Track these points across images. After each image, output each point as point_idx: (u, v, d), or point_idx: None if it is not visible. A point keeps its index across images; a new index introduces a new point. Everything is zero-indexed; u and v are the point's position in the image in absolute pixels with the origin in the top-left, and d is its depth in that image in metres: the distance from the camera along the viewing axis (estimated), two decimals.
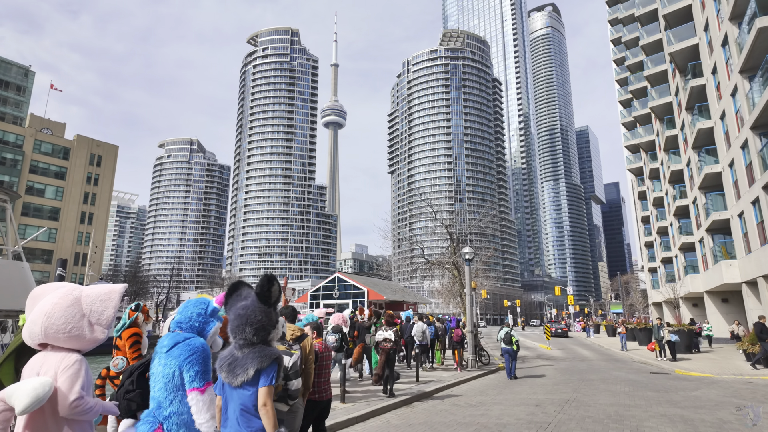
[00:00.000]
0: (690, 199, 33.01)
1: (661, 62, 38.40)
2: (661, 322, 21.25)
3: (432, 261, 21.41)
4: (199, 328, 3.55)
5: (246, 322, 3.10)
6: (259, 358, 3.02)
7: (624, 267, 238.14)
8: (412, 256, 27.53)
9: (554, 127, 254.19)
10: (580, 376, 16.01)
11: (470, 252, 17.66)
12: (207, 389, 3.16)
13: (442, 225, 20.74)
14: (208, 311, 3.66)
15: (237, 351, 3.11)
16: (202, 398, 3.08)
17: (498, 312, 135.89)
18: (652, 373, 16.99)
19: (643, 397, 11.32)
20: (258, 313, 3.13)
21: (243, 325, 3.10)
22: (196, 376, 3.14)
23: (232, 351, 3.15)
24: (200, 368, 3.18)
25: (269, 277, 3.31)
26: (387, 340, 10.84)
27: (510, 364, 15.45)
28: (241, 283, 3.47)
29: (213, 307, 3.73)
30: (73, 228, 70.35)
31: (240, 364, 3.01)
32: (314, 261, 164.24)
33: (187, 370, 3.15)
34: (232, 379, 3.03)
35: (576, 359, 23.19)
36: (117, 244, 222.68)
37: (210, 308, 3.68)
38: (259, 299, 3.21)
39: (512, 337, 15.43)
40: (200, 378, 3.15)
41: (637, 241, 57.30)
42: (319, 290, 58.58)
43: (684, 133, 33.10)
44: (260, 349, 3.08)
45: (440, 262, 20.81)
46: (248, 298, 3.29)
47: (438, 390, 12.35)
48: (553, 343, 35.44)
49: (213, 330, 3.67)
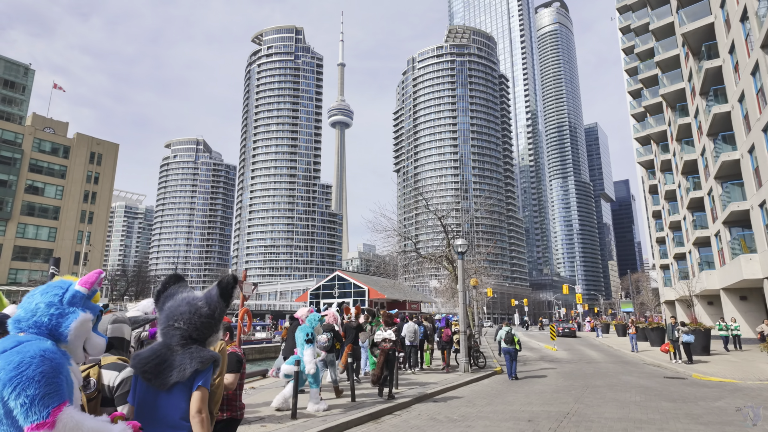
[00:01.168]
0: (705, 191, 31.01)
1: (672, 47, 36.38)
2: (675, 321, 19.43)
3: (424, 255, 19.77)
4: (48, 325, 2.14)
5: (195, 312, 2.59)
6: (199, 357, 2.50)
7: (634, 266, 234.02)
8: (404, 251, 25.84)
9: (563, 124, 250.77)
10: (585, 382, 14.29)
11: (463, 244, 16.03)
12: (60, 418, 1.83)
13: (435, 216, 19.09)
14: (66, 298, 2.21)
15: (165, 349, 2.56)
16: None
17: (505, 311, 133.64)
18: (666, 378, 15.22)
19: (657, 410, 9.63)
20: (214, 306, 2.64)
21: (190, 315, 2.58)
22: (34, 404, 1.82)
23: (157, 349, 2.58)
24: (39, 390, 1.84)
25: (235, 276, 2.85)
26: (387, 340, 10.58)
27: (510, 365, 14.86)
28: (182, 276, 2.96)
29: (74, 292, 2.24)
30: (73, 227, 69.68)
31: (174, 364, 2.47)
32: (320, 260, 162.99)
33: (15, 396, 1.80)
34: (158, 381, 2.46)
35: (582, 361, 21.43)
36: (125, 245, 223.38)
37: (69, 293, 2.23)
38: (221, 295, 2.69)
39: (513, 336, 14.87)
40: (41, 405, 1.82)
41: (648, 239, 55.16)
42: (319, 289, 56.98)
43: (698, 121, 31.11)
44: (197, 349, 2.56)
45: (433, 256, 19.19)
46: (192, 291, 2.81)
47: (416, 400, 10.73)
48: (559, 344, 33.61)
49: (75, 325, 2.15)
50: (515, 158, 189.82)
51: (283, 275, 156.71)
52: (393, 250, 19.69)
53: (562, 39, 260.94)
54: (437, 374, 15.96)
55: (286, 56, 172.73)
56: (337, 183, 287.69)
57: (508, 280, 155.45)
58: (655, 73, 41.53)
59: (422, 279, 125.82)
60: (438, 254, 19.32)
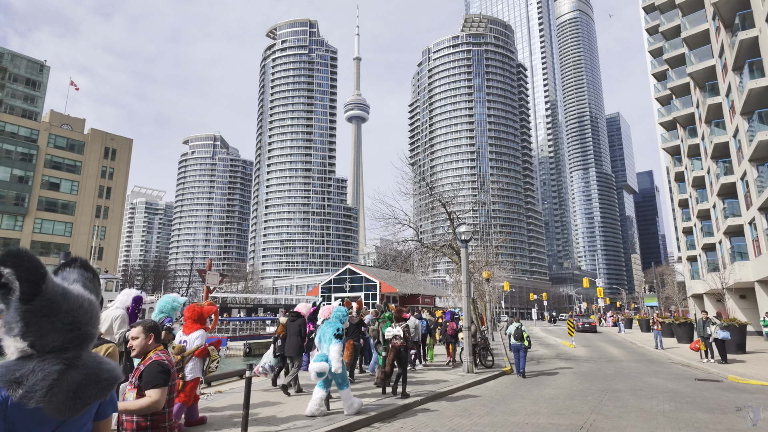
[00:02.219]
0: (738, 175, 28.64)
1: (701, 21, 33.84)
2: (706, 316, 17.51)
3: (427, 245, 18.25)
4: None
5: (95, 314, 1.89)
6: (114, 372, 1.87)
7: (658, 259, 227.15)
8: (405, 240, 23.34)
9: (583, 115, 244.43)
10: (604, 385, 12.63)
11: (467, 231, 14.47)
12: None
13: (438, 201, 17.53)
14: None
15: (56, 363, 1.70)
16: None
17: (524, 305, 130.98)
18: (698, 381, 13.44)
19: (691, 423, 7.98)
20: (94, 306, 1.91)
21: (90, 319, 1.84)
22: None
23: (44, 365, 1.69)
24: None
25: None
26: (397, 337, 10.23)
27: (518, 362, 14.18)
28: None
29: None
30: (88, 222, 70.13)
31: (98, 381, 1.78)
32: (335, 254, 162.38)
33: None
34: (70, 410, 1.68)
35: (602, 359, 19.66)
36: (146, 240, 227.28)
37: None
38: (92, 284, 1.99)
39: (523, 332, 14.14)
40: None
41: (673, 232, 52.40)
42: (330, 283, 56.07)
43: (730, 99, 28.70)
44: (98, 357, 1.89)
45: (435, 245, 17.66)
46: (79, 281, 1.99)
47: (404, 408, 9.26)
48: (578, 340, 31.70)
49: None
50: (534, 149, 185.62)
51: (299, 269, 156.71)
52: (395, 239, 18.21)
53: (582, 27, 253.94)
54: (439, 371, 14.53)
55: (300, 50, 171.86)
56: (354, 178, 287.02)
57: (527, 273, 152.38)
58: (682, 52, 38.97)
59: (439, 273, 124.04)
60: (441, 243, 17.82)
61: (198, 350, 6.87)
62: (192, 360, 6.81)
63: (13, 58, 74.80)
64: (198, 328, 7.08)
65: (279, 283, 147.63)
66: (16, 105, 74.73)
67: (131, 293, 6.80)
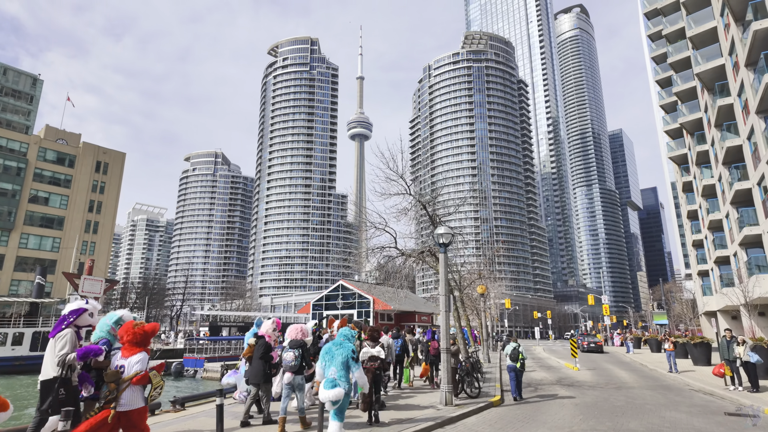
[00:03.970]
0: (754, 180, 26.29)
1: (708, 19, 31.99)
2: (731, 336, 15.02)
3: (405, 252, 15.92)
4: None
5: None
6: None
7: (665, 277, 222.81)
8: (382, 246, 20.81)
9: (586, 131, 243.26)
10: (614, 423, 10.14)
11: (446, 234, 12.19)
12: None
13: (416, 200, 15.32)
14: None
15: None
16: None
17: (528, 323, 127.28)
18: (729, 416, 10.93)
19: None
20: None
21: None
22: None
23: None
24: None
25: None
26: (374, 359, 9.50)
27: (513, 384, 13.41)
28: None
29: None
30: (77, 237, 68.23)
31: None
32: (335, 272, 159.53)
33: None
34: None
35: (610, 386, 17.08)
36: (146, 257, 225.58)
37: None
38: None
39: (519, 354, 13.43)
40: None
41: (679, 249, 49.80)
42: (322, 300, 53.52)
43: (743, 99, 26.56)
44: None
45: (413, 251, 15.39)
46: None
47: None
48: (583, 361, 28.96)
49: None
50: (536, 165, 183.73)
51: (298, 287, 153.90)
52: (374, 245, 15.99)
53: (583, 45, 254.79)
54: (415, 397, 12.13)
55: (301, 67, 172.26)
56: (358, 195, 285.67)
57: (530, 291, 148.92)
58: (687, 55, 37.12)
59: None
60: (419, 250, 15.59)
61: (137, 377, 5.79)
62: (129, 388, 5.76)
63: (5, 71, 74.03)
64: (139, 351, 6.03)
65: (277, 300, 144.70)
66: (7, 118, 73.67)
67: (72, 305, 6.21)
